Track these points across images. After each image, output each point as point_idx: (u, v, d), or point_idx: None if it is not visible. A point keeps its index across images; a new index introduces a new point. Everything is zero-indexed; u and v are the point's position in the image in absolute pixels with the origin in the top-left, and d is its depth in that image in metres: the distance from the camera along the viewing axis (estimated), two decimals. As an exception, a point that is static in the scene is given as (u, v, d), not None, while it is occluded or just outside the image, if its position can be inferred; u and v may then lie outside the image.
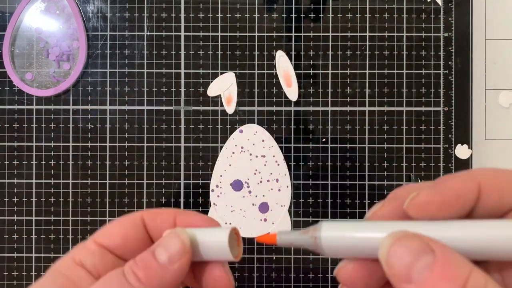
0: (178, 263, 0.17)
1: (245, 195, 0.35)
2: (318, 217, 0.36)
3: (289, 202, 0.35)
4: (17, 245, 0.37)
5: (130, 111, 0.37)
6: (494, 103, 0.37)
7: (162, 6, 0.37)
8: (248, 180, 0.35)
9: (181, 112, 0.36)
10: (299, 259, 0.36)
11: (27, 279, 0.36)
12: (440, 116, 0.36)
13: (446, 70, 0.36)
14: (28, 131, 0.37)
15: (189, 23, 0.37)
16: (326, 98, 0.36)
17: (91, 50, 0.37)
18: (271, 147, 0.35)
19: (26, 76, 0.37)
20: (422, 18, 0.36)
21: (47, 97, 0.37)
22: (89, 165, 0.37)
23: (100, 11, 0.37)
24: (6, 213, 0.37)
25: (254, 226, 0.35)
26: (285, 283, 0.36)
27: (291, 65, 0.36)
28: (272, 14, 0.37)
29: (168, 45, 0.37)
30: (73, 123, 0.37)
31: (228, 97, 0.35)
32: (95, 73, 0.37)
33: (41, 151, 0.37)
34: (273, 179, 0.35)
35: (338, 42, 0.36)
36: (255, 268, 0.36)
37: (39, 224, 0.37)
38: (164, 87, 0.37)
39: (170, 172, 0.36)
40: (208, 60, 0.37)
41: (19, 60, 0.37)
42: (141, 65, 0.37)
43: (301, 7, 0.36)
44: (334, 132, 0.36)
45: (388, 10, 0.36)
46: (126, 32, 0.37)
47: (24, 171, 0.37)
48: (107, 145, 0.37)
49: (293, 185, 0.36)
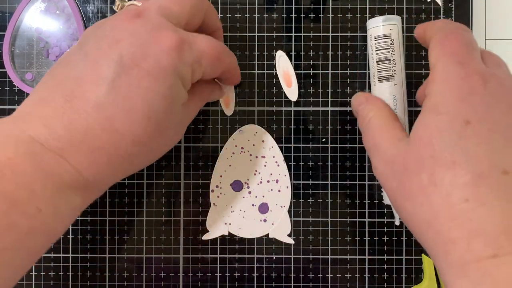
0: None
1: (245, 196, 0.35)
2: (318, 217, 0.36)
3: (289, 202, 0.36)
4: (17, 245, 0.37)
5: (130, 111, 0.37)
6: (494, 103, 0.37)
7: (162, 6, 0.37)
8: (248, 180, 0.35)
9: (181, 112, 0.36)
10: (299, 259, 0.36)
11: (27, 279, 0.36)
12: (440, 116, 0.36)
13: (446, 70, 0.36)
14: (28, 131, 0.37)
15: (189, 23, 0.37)
16: (326, 98, 0.36)
17: (91, 50, 0.37)
18: (271, 147, 0.35)
19: (26, 76, 0.37)
20: (422, 18, 0.36)
21: (47, 97, 0.37)
22: (89, 165, 0.37)
23: (100, 11, 0.37)
24: (6, 213, 0.37)
25: (254, 226, 0.35)
26: (285, 283, 0.36)
27: (291, 65, 0.36)
28: (272, 14, 0.36)
29: (168, 45, 0.37)
30: (73, 123, 0.37)
31: (226, 98, 0.35)
32: (95, 73, 0.37)
33: (41, 151, 0.37)
34: (273, 180, 0.35)
35: (338, 42, 0.36)
36: (255, 268, 0.36)
37: (39, 224, 0.37)
38: (164, 87, 0.37)
39: (170, 172, 0.36)
40: (208, 60, 0.36)
41: (19, 60, 0.37)
42: (141, 65, 0.37)
43: (301, 7, 0.36)
44: (334, 132, 0.36)
45: (388, 10, 0.36)
46: (126, 32, 0.37)
47: (24, 171, 0.37)
48: (107, 145, 0.37)
49: (293, 185, 0.36)
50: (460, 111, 0.21)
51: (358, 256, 0.36)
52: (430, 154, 0.21)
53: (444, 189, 0.20)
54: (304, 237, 0.36)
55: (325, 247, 0.36)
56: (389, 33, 0.32)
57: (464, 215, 0.19)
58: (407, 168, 0.22)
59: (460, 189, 0.19)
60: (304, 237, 0.36)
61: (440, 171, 0.20)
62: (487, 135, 0.20)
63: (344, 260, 0.36)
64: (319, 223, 0.36)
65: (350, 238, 0.36)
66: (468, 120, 0.20)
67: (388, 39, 0.32)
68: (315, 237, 0.36)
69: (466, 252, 0.19)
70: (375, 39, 0.32)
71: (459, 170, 0.20)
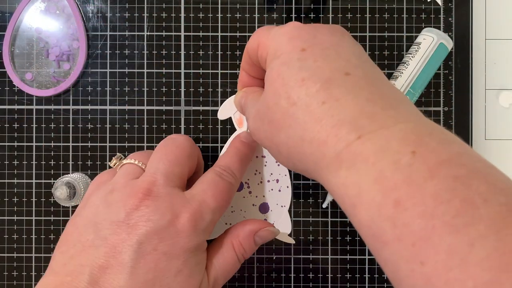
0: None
1: (245, 196, 0.35)
2: (318, 217, 0.36)
3: (289, 202, 0.36)
4: (17, 245, 0.37)
5: (130, 111, 0.37)
6: (494, 103, 0.37)
7: (162, 6, 0.37)
8: (248, 180, 0.35)
9: (181, 112, 0.36)
10: (299, 259, 0.36)
11: (27, 279, 0.36)
12: (440, 116, 0.36)
13: (446, 70, 0.36)
14: (28, 131, 0.37)
15: (189, 23, 0.37)
16: (326, 98, 0.36)
17: (91, 50, 0.37)
18: (271, 147, 0.35)
19: (26, 76, 0.37)
20: (422, 18, 0.36)
21: (47, 97, 0.37)
22: (89, 165, 0.37)
23: (100, 11, 0.37)
24: (6, 213, 0.37)
25: (254, 226, 0.35)
26: (285, 283, 0.36)
27: None
28: (272, 14, 0.36)
29: (168, 45, 0.37)
30: (73, 123, 0.37)
31: (239, 119, 0.35)
32: (95, 73, 0.37)
33: (41, 151, 0.37)
34: (273, 180, 0.35)
35: (338, 42, 0.36)
36: (255, 268, 0.36)
37: (39, 224, 0.37)
38: (164, 87, 0.37)
39: (170, 172, 0.36)
40: (208, 60, 0.37)
41: (19, 60, 0.37)
42: (141, 65, 0.37)
43: (301, 7, 0.36)
44: (334, 132, 0.36)
45: (388, 10, 0.36)
46: (126, 32, 0.37)
47: (24, 171, 0.37)
48: (107, 145, 0.37)
49: (293, 185, 0.36)
50: (295, 44, 0.24)
51: (358, 256, 0.36)
52: (281, 83, 0.23)
53: (302, 102, 0.22)
54: (304, 237, 0.36)
55: (325, 247, 0.36)
56: (420, 41, 0.33)
57: (325, 114, 0.21)
58: (269, 106, 0.24)
59: (315, 96, 0.22)
60: (304, 237, 0.36)
61: (294, 91, 0.23)
62: (321, 53, 0.23)
63: (344, 260, 0.36)
64: (319, 223, 0.36)
65: (350, 238, 0.36)
66: (303, 48, 0.24)
67: (416, 46, 0.33)
68: (315, 237, 0.36)
69: (336, 144, 0.21)
70: (413, 44, 0.34)
71: (309, 83, 0.22)
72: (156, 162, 0.28)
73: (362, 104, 0.21)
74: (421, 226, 0.17)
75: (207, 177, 0.29)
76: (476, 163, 0.19)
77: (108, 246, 0.25)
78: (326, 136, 0.21)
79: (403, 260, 0.18)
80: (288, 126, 0.23)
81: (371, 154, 0.20)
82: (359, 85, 0.22)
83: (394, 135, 0.20)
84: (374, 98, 0.22)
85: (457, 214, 0.17)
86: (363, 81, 0.22)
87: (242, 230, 0.30)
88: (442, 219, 0.17)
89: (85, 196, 0.30)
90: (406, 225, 0.18)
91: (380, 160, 0.19)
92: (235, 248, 0.30)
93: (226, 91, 0.36)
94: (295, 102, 0.23)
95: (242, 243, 0.30)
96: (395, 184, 0.19)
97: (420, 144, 0.19)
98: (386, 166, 0.19)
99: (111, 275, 0.25)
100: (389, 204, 0.19)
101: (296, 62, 0.23)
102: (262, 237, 0.31)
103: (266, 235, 0.31)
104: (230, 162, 0.31)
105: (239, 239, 0.30)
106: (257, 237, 0.30)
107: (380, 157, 0.20)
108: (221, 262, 0.29)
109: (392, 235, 0.18)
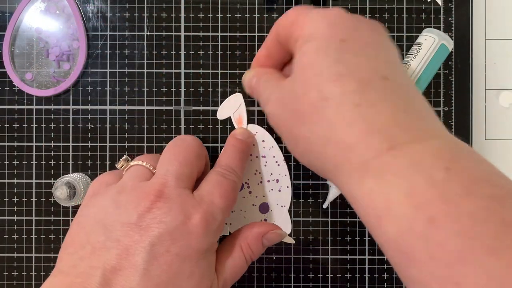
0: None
1: (245, 196, 0.35)
2: (318, 217, 0.36)
3: (289, 202, 0.36)
4: (17, 245, 0.37)
5: (130, 111, 0.37)
6: (494, 103, 0.37)
7: (162, 6, 0.37)
8: (249, 180, 0.35)
9: (181, 112, 0.36)
10: (299, 259, 0.36)
11: (27, 279, 0.36)
12: (440, 116, 0.36)
13: (446, 70, 0.36)
14: (28, 131, 0.37)
15: (189, 23, 0.37)
16: (326, 98, 0.36)
17: (91, 50, 0.37)
18: (272, 147, 0.35)
19: (26, 76, 0.37)
20: (422, 18, 0.36)
21: (47, 97, 0.37)
22: (89, 165, 0.37)
23: (100, 11, 0.37)
24: (6, 213, 0.37)
25: (254, 226, 0.35)
26: (285, 283, 0.36)
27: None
28: (272, 14, 0.36)
29: (168, 45, 0.37)
30: (73, 123, 0.37)
31: (238, 118, 0.35)
32: (95, 73, 0.37)
33: (41, 151, 0.37)
34: (274, 180, 0.35)
35: (338, 42, 0.36)
36: (255, 268, 0.36)
37: (39, 224, 0.37)
38: (164, 87, 0.37)
39: (170, 172, 0.36)
40: (208, 60, 0.37)
41: (19, 60, 0.37)
42: (141, 65, 0.37)
43: (301, 7, 0.36)
44: (334, 132, 0.36)
45: (388, 10, 0.36)
46: (126, 32, 0.37)
47: (24, 171, 0.37)
48: (107, 145, 0.37)
49: (293, 185, 0.36)
50: (334, 32, 0.23)
51: (358, 256, 0.36)
52: (315, 73, 0.22)
53: (335, 100, 0.21)
54: (304, 237, 0.36)
55: (325, 247, 0.36)
56: (421, 42, 0.33)
57: (358, 119, 0.20)
58: (297, 95, 0.23)
59: (350, 97, 0.21)
60: (304, 237, 0.36)
61: (328, 85, 0.21)
62: (360, 48, 0.22)
63: (344, 260, 0.36)
64: (319, 223, 0.36)
65: (350, 239, 0.36)
66: (342, 39, 0.22)
67: (417, 47, 0.33)
68: (315, 237, 0.36)
69: (366, 152, 0.20)
70: (413, 44, 0.34)
71: (345, 80, 0.21)
72: (166, 164, 0.28)
73: (397, 114, 0.20)
74: (458, 246, 0.17)
75: (211, 178, 0.29)
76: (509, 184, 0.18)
77: (120, 248, 0.25)
78: (355, 142, 0.20)
79: (435, 280, 0.17)
80: (314, 122, 0.22)
81: (403, 167, 0.19)
82: (397, 93, 0.21)
83: (427, 149, 0.19)
84: (408, 109, 0.21)
85: (496, 235, 0.16)
86: (399, 89, 0.21)
87: (250, 232, 0.30)
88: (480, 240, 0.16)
89: (86, 196, 0.30)
90: (441, 244, 0.17)
91: (413, 174, 0.19)
92: (243, 250, 0.30)
93: (226, 91, 0.36)
94: (327, 97, 0.21)
95: (251, 245, 0.30)
96: (428, 200, 0.18)
97: (454, 160, 0.19)
98: (419, 180, 0.18)
99: (123, 277, 0.25)
100: (422, 220, 0.18)
101: (333, 53, 0.22)
102: (269, 240, 0.31)
103: (273, 237, 0.31)
104: (230, 160, 0.31)
105: (247, 241, 0.30)
106: (265, 239, 0.31)
107: (412, 171, 0.19)
108: (230, 264, 0.29)
109: (424, 253, 0.18)
